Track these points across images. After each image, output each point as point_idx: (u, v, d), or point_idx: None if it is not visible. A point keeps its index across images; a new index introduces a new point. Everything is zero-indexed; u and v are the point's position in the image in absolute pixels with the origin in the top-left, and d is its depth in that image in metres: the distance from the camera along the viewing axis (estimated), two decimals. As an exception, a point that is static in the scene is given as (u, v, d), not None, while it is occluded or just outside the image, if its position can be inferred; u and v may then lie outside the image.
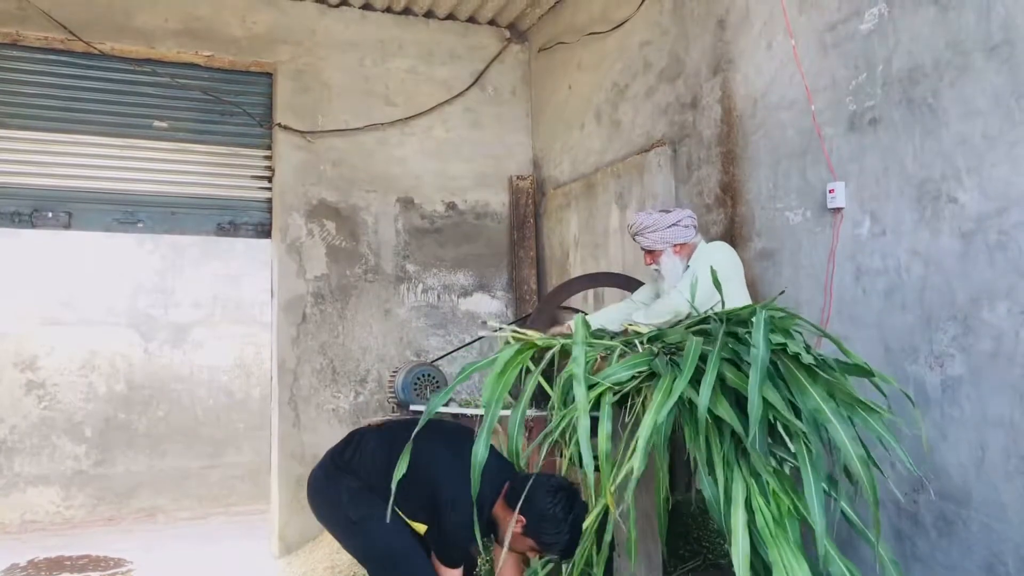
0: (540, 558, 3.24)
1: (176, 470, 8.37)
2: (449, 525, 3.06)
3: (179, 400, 8.49)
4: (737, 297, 3.54)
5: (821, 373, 2.70)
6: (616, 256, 5.41)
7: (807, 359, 2.68)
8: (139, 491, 8.21)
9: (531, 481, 2.97)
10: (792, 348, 2.71)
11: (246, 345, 8.80)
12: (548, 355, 3.04)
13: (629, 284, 4.64)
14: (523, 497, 2.91)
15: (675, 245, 3.89)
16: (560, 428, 2.78)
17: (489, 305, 6.57)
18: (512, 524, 2.98)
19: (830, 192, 3.73)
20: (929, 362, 3.30)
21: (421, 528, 3.19)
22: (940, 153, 3.27)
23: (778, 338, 2.74)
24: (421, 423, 2.88)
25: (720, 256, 3.79)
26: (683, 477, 3.96)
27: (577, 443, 2.63)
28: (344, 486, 3.26)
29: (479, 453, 2.79)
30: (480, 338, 6.04)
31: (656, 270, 3.97)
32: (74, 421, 8.06)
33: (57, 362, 8.08)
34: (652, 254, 3.95)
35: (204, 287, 8.70)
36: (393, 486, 2.87)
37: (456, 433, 3.33)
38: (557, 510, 2.93)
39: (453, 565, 3.17)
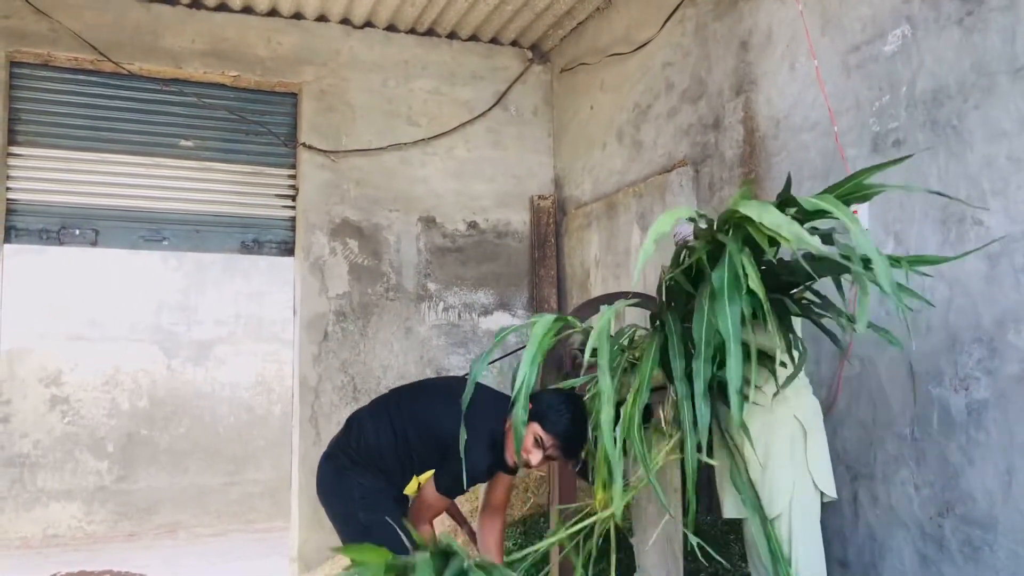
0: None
1: (197, 486, 8.42)
2: (463, 465, 3.15)
3: (201, 417, 8.55)
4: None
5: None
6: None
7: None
8: (160, 507, 8.26)
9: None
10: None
11: (268, 362, 8.87)
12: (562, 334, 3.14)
13: (652, 304, 4.61)
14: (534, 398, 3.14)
15: None
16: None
17: (509, 324, 6.56)
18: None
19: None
20: (954, 385, 3.26)
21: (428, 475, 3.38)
22: (965, 175, 3.25)
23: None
24: (468, 391, 3.06)
25: None
26: (704, 499, 3.94)
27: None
28: (356, 483, 3.39)
29: (518, 415, 2.96)
30: (503, 357, 6.03)
31: None
32: (97, 436, 8.14)
33: (81, 378, 8.17)
34: None
35: (227, 305, 8.78)
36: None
37: (447, 386, 3.56)
38: (559, 400, 3.21)
39: (449, 495, 3.40)
